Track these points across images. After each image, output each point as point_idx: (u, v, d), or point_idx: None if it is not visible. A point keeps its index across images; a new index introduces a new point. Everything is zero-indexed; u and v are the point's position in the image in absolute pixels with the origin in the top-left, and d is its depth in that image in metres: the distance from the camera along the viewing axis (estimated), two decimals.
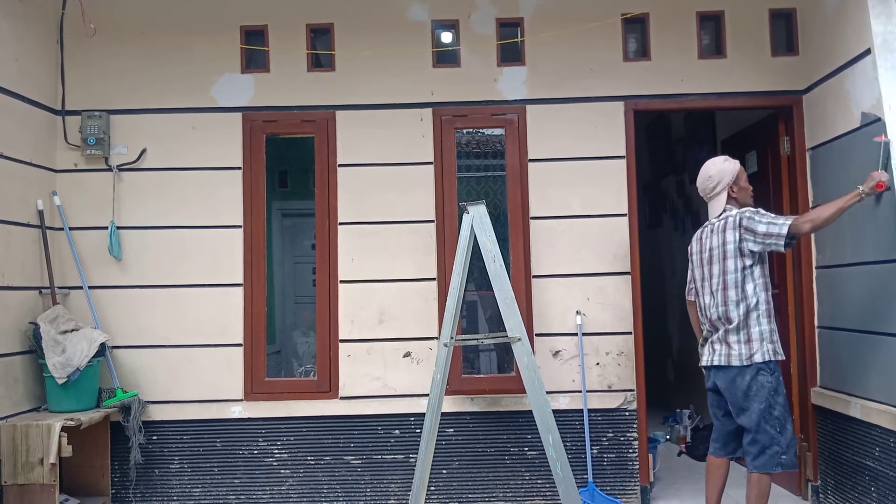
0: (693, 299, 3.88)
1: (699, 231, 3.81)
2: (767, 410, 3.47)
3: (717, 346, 3.61)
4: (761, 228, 3.45)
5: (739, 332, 3.52)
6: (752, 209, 3.56)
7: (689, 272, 3.89)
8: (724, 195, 3.67)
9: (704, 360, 3.70)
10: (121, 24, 4.52)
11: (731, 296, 3.54)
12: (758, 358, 3.47)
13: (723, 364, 3.56)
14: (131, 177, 4.53)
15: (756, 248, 3.48)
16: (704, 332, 3.73)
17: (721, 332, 3.58)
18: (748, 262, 3.51)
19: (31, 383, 4.18)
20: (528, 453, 4.41)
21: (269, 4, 4.57)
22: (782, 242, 3.41)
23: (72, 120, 4.51)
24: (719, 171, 3.68)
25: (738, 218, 3.54)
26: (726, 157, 3.78)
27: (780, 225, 3.41)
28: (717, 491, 3.78)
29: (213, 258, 4.49)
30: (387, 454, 4.43)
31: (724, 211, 3.65)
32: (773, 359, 3.49)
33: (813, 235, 4.32)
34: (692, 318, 3.93)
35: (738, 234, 3.52)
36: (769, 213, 3.51)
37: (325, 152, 4.54)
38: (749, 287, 3.51)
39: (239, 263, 4.49)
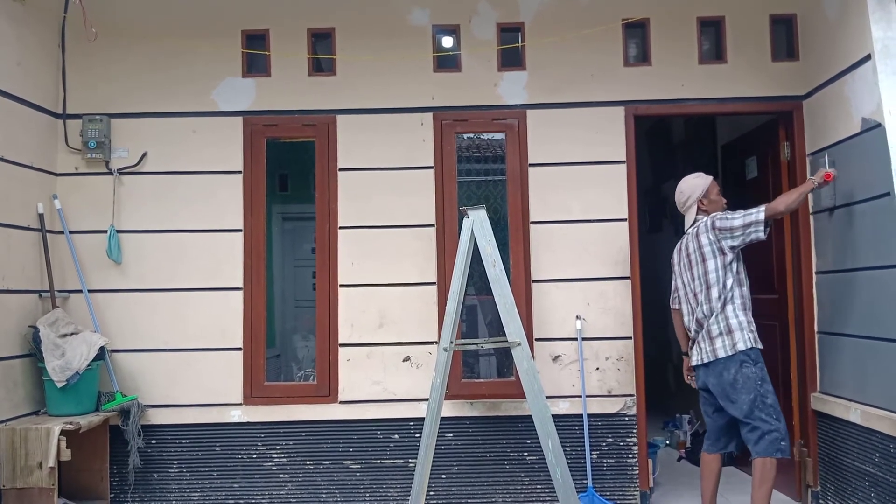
0: (678, 307, 4.03)
1: (678, 243, 4.01)
2: (760, 399, 3.64)
3: (702, 345, 3.80)
4: (738, 222, 3.69)
5: (720, 324, 3.72)
6: (720, 212, 3.81)
7: (673, 282, 4.06)
8: (695, 208, 3.93)
9: (694, 360, 3.89)
10: (122, 28, 4.53)
11: (713, 293, 3.75)
12: (740, 346, 3.68)
13: (710, 360, 3.75)
14: (132, 180, 4.53)
15: (737, 243, 3.71)
16: (691, 334, 3.90)
17: (704, 328, 3.77)
18: (728, 258, 3.72)
19: (30, 387, 4.18)
20: (528, 458, 4.40)
21: (270, 9, 4.57)
22: (762, 228, 3.66)
23: (73, 123, 4.51)
24: (689, 186, 3.95)
25: (708, 222, 3.80)
26: (699, 173, 4.02)
27: (756, 212, 3.66)
28: (712, 486, 3.92)
29: (214, 262, 4.49)
30: (386, 459, 4.42)
31: (696, 221, 3.89)
32: (754, 346, 3.69)
33: (813, 241, 4.34)
34: (676, 327, 4.09)
35: (712, 236, 3.75)
36: (737, 211, 3.74)
37: (326, 156, 4.54)
38: (728, 282, 3.73)
39: (239, 267, 4.49)
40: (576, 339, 4.41)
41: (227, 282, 4.48)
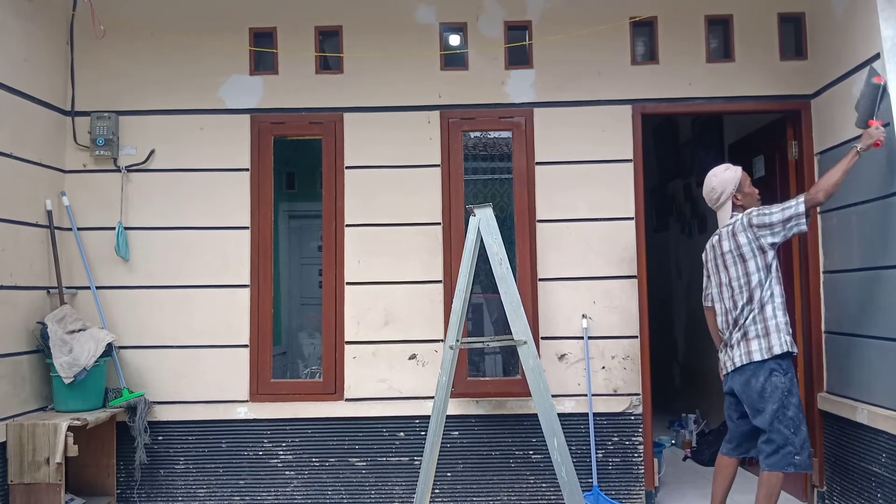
0: (710, 305, 3.91)
1: (711, 238, 3.85)
2: (781, 411, 3.52)
3: (737, 348, 3.64)
4: (777, 217, 3.52)
5: (757, 325, 3.57)
6: (755, 208, 3.64)
7: (705, 279, 3.93)
8: (730, 204, 3.73)
9: (727, 367, 3.73)
10: (130, 25, 4.54)
11: (756, 295, 3.58)
12: (777, 350, 3.53)
13: (744, 363, 3.60)
14: (139, 177, 4.55)
15: (778, 239, 3.54)
16: (724, 336, 3.76)
17: (741, 329, 3.62)
18: (769, 256, 3.57)
19: (38, 383, 4.20)
20: (533, 457, 4.40)
21: (277, 6, 4.58)
22: (803, 220, 3.49)
23: (81, 120, 4.53)
24: (721, 181, 3.74)
25: (744, 219, 3.62)
26: (728, 165, 3.83)
27: (796, 205, 3.49)
28: (724, 488, 3.84)
29: (220, 259, 4.51)
30: (391, 456, 4.43)
31: (732, 218, 3.72)
32: (789, 349, 3.55)
33: (820, 240, 4.33)
34: (710, 325, 3.97)
35: (750, 234, 3.58)
36: (773, 205, 3.58)
37: (333, 154, 4.55)
38: (769, 282, 3.58)
39: (246, 264, 4.50)
40: (582, 337, 4.41)
41: (234, 279, 4.49)
